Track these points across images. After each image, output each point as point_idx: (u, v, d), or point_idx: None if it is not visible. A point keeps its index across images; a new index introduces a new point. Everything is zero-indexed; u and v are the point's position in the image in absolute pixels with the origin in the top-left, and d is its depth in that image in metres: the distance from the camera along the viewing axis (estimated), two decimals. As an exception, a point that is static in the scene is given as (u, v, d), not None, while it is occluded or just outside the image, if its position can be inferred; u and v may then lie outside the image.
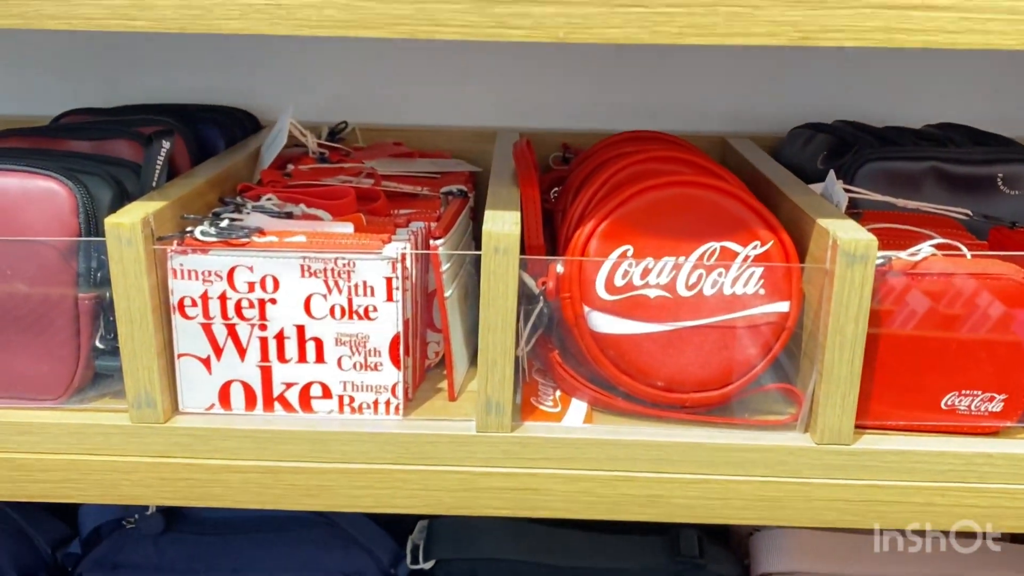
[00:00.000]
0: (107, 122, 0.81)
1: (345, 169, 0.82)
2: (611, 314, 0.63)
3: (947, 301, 0.61)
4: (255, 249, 0.61)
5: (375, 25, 0.55)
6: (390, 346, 0.63)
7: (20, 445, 0.64)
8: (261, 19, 0.55)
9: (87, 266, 0.62)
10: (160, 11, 0.55)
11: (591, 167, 0.76)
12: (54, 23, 0.55)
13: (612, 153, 0.76)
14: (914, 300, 0.62)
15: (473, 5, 0.54)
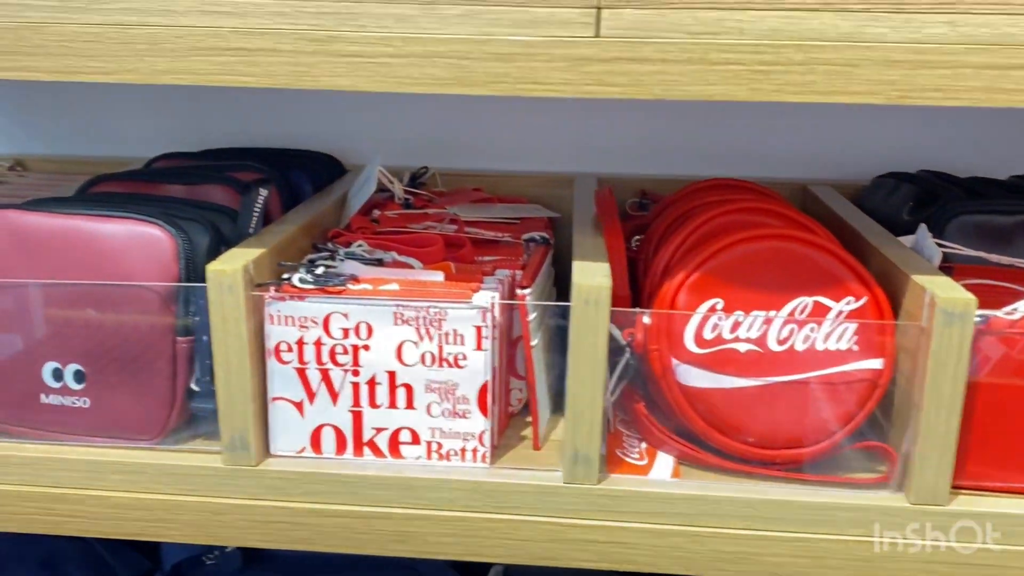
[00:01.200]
0: (200, 167, 0.84)
1: (429, 215, 0.83)
2: (700, 367, 0.63)
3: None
4: (350, 297, 0.62)
5: (476, 83, 0.56)
6: (479, 394, 0.63)
7: (117, 484, 0.65)
8: (366, 77, 0.56)
9: (186, 310, 0.64)
10: (269, 67, 0.57)
11: (675, 216, 0.76)
12: (168, 78, 0.57)
13: (696, 202, 0.76)
14: (1012, 359, 0.60)
15: (571, 63, 0.55)
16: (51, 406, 0.66)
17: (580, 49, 0.55)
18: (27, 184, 0.94)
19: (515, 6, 0.54)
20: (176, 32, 0.56)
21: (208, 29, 0.56)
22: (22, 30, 0.57)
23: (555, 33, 0.55)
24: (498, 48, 0.55)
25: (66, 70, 0.58)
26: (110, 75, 0.57)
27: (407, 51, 0.56)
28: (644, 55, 0.54)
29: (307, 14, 0.56)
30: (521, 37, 0.55)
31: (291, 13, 0.56)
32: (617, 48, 0.54)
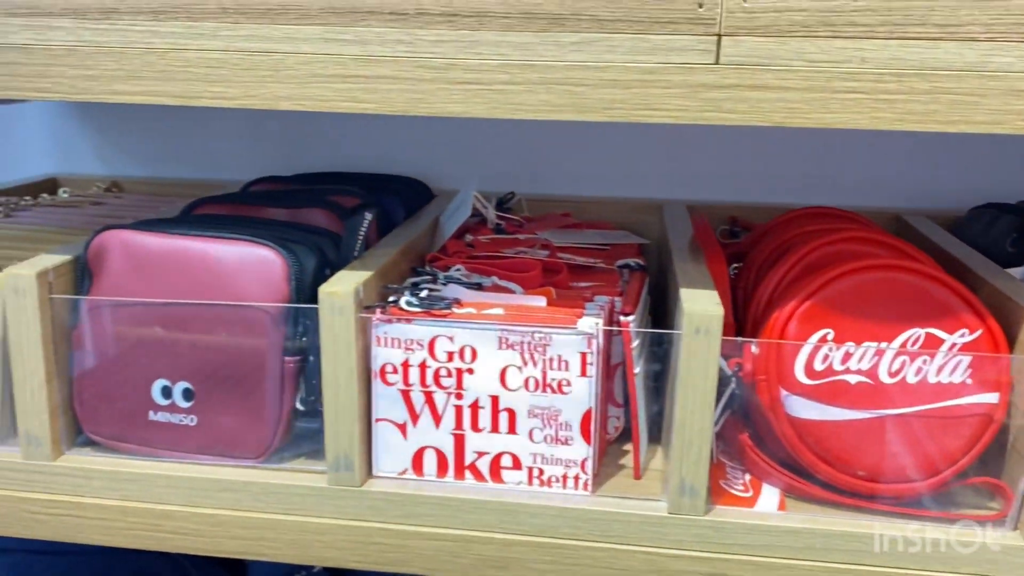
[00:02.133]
0: (299, 191, 0.85)
1: (520, 240, 0.83)
2: (810, 399, 0.62)
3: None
4: (456, 320, 0.63)
5: (590, 109, 0.56)
6: (582, 421, 0.63)
7: (221, 501, 0.66)
8: (481, 104, 0.57)
9: (294, 331, 0.65)
10: (387, 94, 0.57)
11: (775, 245, 0.75)
12: (287, 104, 0.58)
13: (796, 231, 0.76)
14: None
15: (688, 90, 0.55)
16: (159, 423, 0.67)
17: (699, 76, 0.54)
18: (124, 205, 0.97)
19: (633, 34, 0.55)
20: (298, 59, 0.58)
21: (330, 56, 0.57)
22: (148, 55, 0.59)
23: (673, 60, 0.55)
24: (615, 75, 0.55)
25: (189, 95, 0.59)
26: (232, 100, 0.59)
27: (523, 78, 0.56)
28: (764, 82, 0.54)
29: (426, 42, 0.56)
30: (638, 64, 0.55)
31: (411, 41, 0.57)
32: (737, 75, 0.54)
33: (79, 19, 0.59)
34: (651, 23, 0.54)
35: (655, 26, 0.54)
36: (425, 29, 0.56)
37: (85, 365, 0.67)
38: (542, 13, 0.55)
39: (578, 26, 0.55)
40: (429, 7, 0.56)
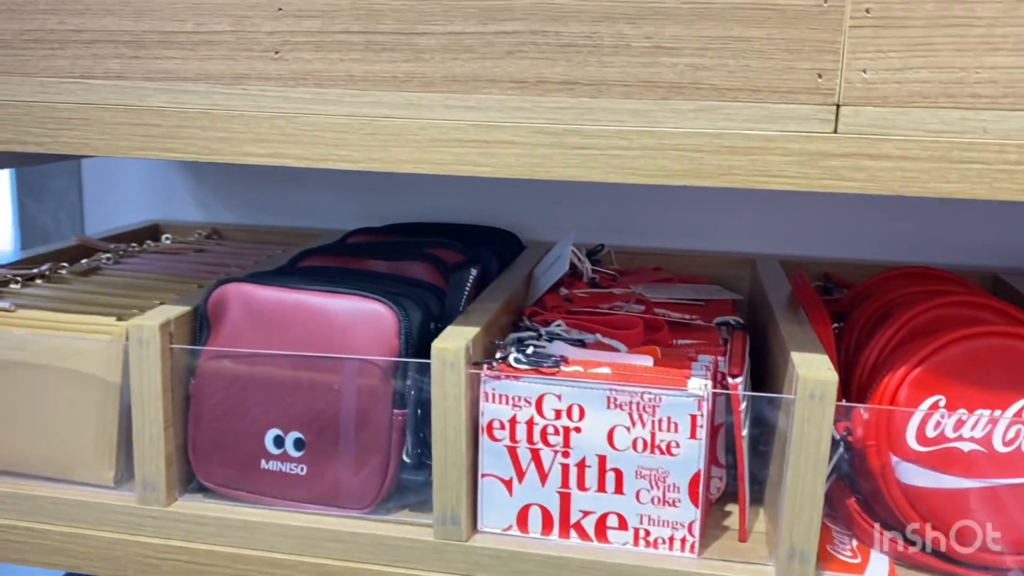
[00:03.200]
0: (398, 244, 0.87)
1: (616, 294, 0.84)
2: (921, 466, 0.61)
3: None
4: (564, 379, 0.63)
5: (708, 175, 0.57)
6: (690, 483, 0.63)
7: (330, 551, 0.67)
8: (598, 168, 0.58)
9: (403, 384, 0.66)
10: (504, 159, 0.59)
11: (877, 306, 0.75)
12: (408, 167, 0.60)
13: (897, 292, 0.75)
14: None
15: (807, 157, 0.55)
16: (270, 472, 0.69)
17: (817, 144, 0.55)
18: (225, 252, 1.00)
19: (752, 103, 0.55)
20: (420, 124, 0.60)
21: (450, 122, 0.59)
22: (277, 119, 0.61)
23: (792, 128, 0.55)
24: (733, 142, 0.56)
25: (315, 157, 0.61)
26: (356, 163, 0.61)
27: (640, 144, 0.57)
28: (883, 152, 0.54)
29: (545, 108, 0.58)
30: (757, 132, 0.56)
31: (530, 108, 0.58)
32: (855, 144, 0.55)
33: (212, 84, 0.62)
34: (770, 92, 0.55)
35: (774, 95, 0.55)
36: (544, 96, 0.58)
37: (201, 413, 0.69)
38: (661, 82, 0.56)
39: (697, 94, 0.56)
40: (549, 76, 0.58)
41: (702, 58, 0.56)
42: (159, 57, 0.62)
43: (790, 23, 0.54)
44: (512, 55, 0.58)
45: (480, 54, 0.58)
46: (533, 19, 0.57)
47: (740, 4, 0.54)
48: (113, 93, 0.63)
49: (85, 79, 0.63)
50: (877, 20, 0.53)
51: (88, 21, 0.62)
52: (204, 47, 0.61)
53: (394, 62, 0.59)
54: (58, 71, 0.64)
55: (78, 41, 0.63)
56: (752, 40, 0.55)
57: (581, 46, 0.57)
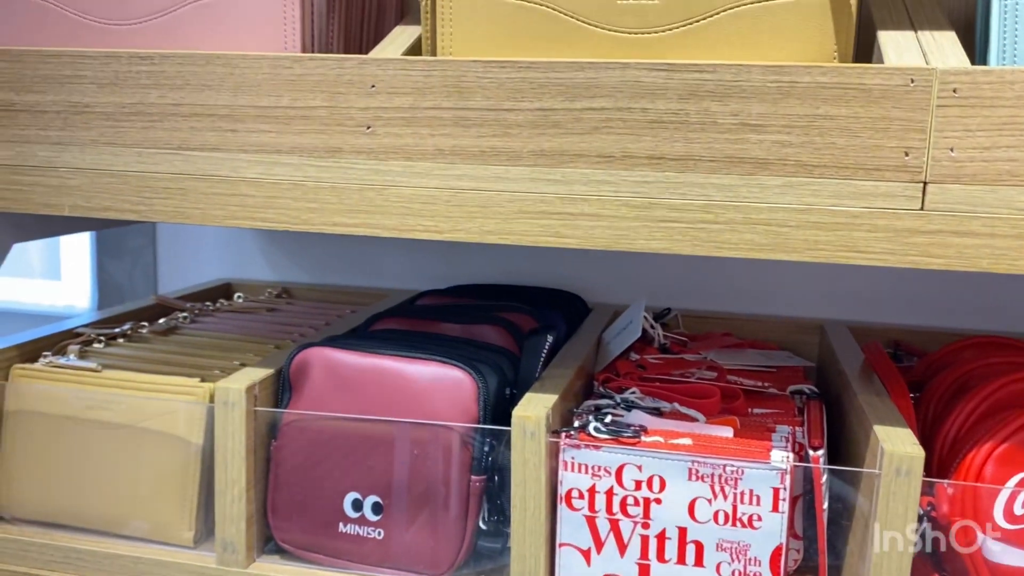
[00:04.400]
0: (468, 307, 0.89)
1: (687, 360, 0.84)
2: (1010, 544, 0.60)
3: None
4: (645, 449, 0.63)
5: (794, 250, 0.57)
6: (771, 556, 0.62)
7: (406, 617, 0.68)
8: (684, 241, 0.59)
9: (481, 451, 0.67)
10: (589, 231, 0.60)
11: (954, 377, 0.74)
12: (494, 238, 0.62)
13: (975, 363, 0.75)
14: None
15: (893, 234, 0.56)
16: (348, 535, 0.69)
17: (904, 221, 0.56)
18: (297, 312, 1.02)
19: (839, 179, 0.56)
20: (506, 196, 0.61)
21: (536, 195, 0.60)
22: (367, 191, 0.63)
23: (879, 205, 0.56)
24: (819, 217, 0.57)
25: (403, 228, 0.63)
26: (443, 234, 0.62)
27: (726, 218, 0.58)
28: (971, 229, 0.55)
29: (630, 182, 0.59)
30: (843, 208, 0.56)
31: (615, 182, 0.59)
32: (943, 221, 0.55)
33: (305, 156, 0.64)
34: (856, 169, 0.56)
35: (860, 172, 0.56)
36: (630, 171, 0.59)
37: (281, 475, 0.70)
38: (747, 157, 0.57)
39: (783, 170, 0.57)
40: (635, 151, 0.59)
41: (788, 135, 0.56)
42: (255, 130, 0.64)
43: (876, 102, 0.55)
44: (598, 131, 0.59)
45: (567, 129, 0.60)
46: (620, 96, 0.59)
47: (825, 83, 0.55)
48: (209, 164, 0.65)
49: (182, 150, 0.66)
50: (964, 100, 0.54)
51: (187, 95, 0.65)
52: (299, 121, 0.63)
53: (482, 137, 0.61)
54: (156, 142, 0.66)
55: (176, 115, 0.66)
56: (838, 118, 0.56)
57: (667, 122, 0.58)
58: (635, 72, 0.58)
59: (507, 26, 0.62)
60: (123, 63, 0.66)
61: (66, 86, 0.67)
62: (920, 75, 0.54)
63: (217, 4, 0.66)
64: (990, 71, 0.54)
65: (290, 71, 0.63)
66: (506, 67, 0.60)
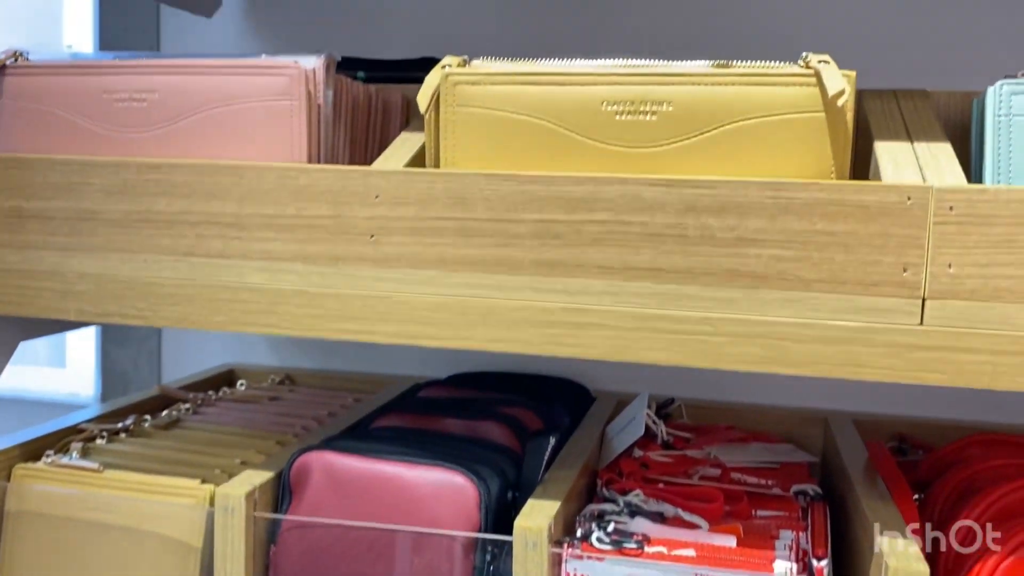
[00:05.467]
0: (471, 400, 0.88)
1: (689, 456, 0.84)
2: (1020, 661, 0.59)
3: None
4: (648, 560, 0.63)
5: (794, 363, 0.58)
6: (777, 671, 0.61)
7: None
8: (685, 353, 0.59)
9: (483, 559, 0.66)
10: (591, 340, 0.60)
11: (959, 479, 0.74)
12: (495, 345, 0.62)
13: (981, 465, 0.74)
14: None
15: (894, 349, 0.56)
16: (347, 643, 0.68)
17: (904, 337, 0.56)
18: (299, 400, 1.02)
19: (838, 294, 0.56)
20: (508, 305, 0.61)
21: (538, 304, 0.61)
22: (370, 299, 0.64)
23: (878, 320, 0.56)
24: (820, 332, 0.57)
25: (404, 335, 0.63)
26: (444, 341, 0.63)
27: (727, 330, 0.58)
28: (971, 345, 0.55)
29: (631, 294, 0.60)
30: (843, 323, 0.56)
31: (617, 293, 0.60)
32: (942, 337, 0.55)
33: (309, 264, 0.65)
34: (856, 284, 0.56)
35: (859, 287, 0.56)
36: (631, 282, 0.60)
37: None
38: (746, 271, 0.58)
39: (782, 284, 0.57)
40: (635, 263, 0.59)
41: (786, 250, 0.57)
42: (260, 238, 0.65)
43: (874, 219, 0.56)
44: (599, 243, 0.60)
45: (568, 241, 0.60)
46: (619, 210, 0.59)
47: (822, 200, 0.56)
48: (214, 271, 0.66)
49: (188, 257, 0.67)
50: (961, 217, 0.55)
51: (194, 204, 0.66)
52: (303, 230, 0.64)
53: (485, 247, 0.62)
54: (163, 249, 0.67)
55: (184, 222, 0.66)
56: (836, 234, 0.56)
57: (667, 236, 0.59)
58: (634, 187, 0.59)
59: (509, 139, 0.64)
60: (132, 172, 0.67)
61: (75, 193, 0.68)
62: (917, 193, 0.55)
63: (225, 114, 0.68)
64: (985, 190, 0.54)
65: (296, 181, 0.64)
66: (508, 180, 0.61)
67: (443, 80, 0.65)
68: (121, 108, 0.69)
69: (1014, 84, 0.58)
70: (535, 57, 0.65)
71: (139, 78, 0.68)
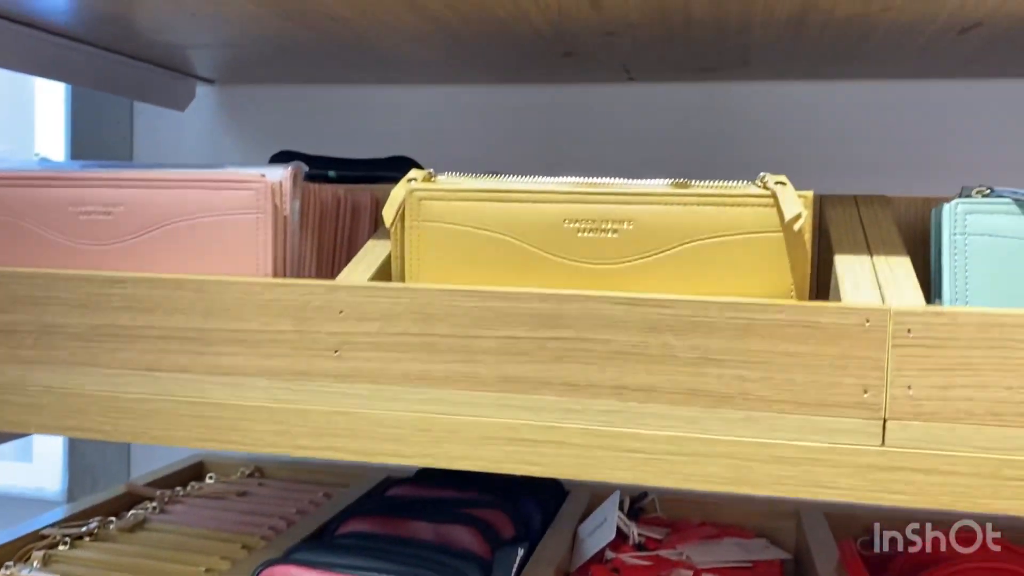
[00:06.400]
0: (440, 501, 0.88)
1: (663, 559, 0.83)
2: None
3: None
4: None
5: (757, 484, 0.58)
6: None
7: None
8: (648, 471, 0.59)
9: (449, 677, 0.65)
10: (555, 458, 0.60)
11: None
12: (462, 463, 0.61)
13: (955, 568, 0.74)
14: None
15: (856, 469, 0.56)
16: None
17: (866, 458, 0.56)
18: (268, 496, 1.00)
19: (800, 415, 0.57)
20: (473, 422, 0.61)
21: (502, 422, 0.61)
22: (334, 415, 0.63)
23: (840, 441, 0.56)
24: (782, 452, 0.57)
25: (369, 452, 0.63)
26: (408, 458, 0.62)
27: (691, 449, 0.58)
28: (932, 466, 0.55)
29: (595, 411, 0.59)
30: (805, 443, 0.57)
31: (581, 410, 0.60)
32: (904, 459, 0.55)
33: (273, 379, 0.64)
34: (817, 405, 0.56)
35: (821, 408, 0.56)
36: (595, 400, 0.60)
37: None
38: (708, 391, 0.58)
39: (744, 404, 0.57)
40: (599, 380, 0.59)
41: (748, 370, 0.57)
42: (223, 353, 0.65)
43: (833, 340, 0.56)
44: (563, 360, 0.60)
45: (532, 357, 0.60)
46: (583, 327, 0.59)
47: (783, 321, 0.57)
48: (176, 386, 0.66)
49: (151, 371, 0.66)
50: (919, 340, 0.55)
51: (158, 318, 0.66)
52: (267, 345, 0.64)
53: (449, 363, 0.61)
54: (126, 363, 0.67)
55: (147, 336, 0.66)
56: (797, 355, 0.56)
57: (630, 354, 0.59)
58: (596, 305, 0.59)
59: (473, 253, 0.64)
60: (96, 286, 0.67)
61: (39, 306, 0.68)
62: (875, 316, 0.55)
63: (191, 227, 0.68)
64: (942, 312, 0.55)
65: (260, 296, 0.64)
66: (472, 296, 0.61)
67: (408, 195, 0.65)
68: (87, 221, 0.69)
69: (969, 204, 0.59)
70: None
71: (105, 191, 0.69)
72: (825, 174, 0.99)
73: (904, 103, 1.00)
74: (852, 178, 0.98)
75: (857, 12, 0.68)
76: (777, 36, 0.76)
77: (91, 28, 0.85)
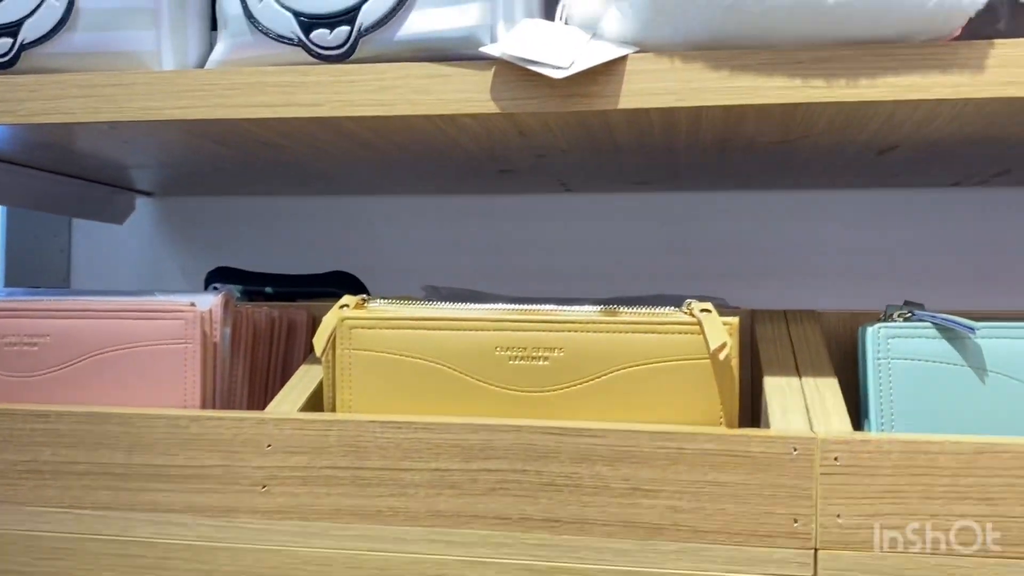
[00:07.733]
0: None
1: None
2: None
3: None
4: None
5: (693, 617, 0.57)
6: None
7: None
8: None
9: None
10: None
11: None
12: (392, 602, 0.60)
13: None
14: None
15: (790, 601, 0.56)
16: None
17: (803, 596, 0.55)
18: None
19: (731, 545, 0.56)
20: (404, 559, 0.60)
21: (435, 557, 0.60)
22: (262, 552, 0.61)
23: (772, 572, 0.56)
24: (715, 586, 0.56)
25: (298, 591, 0.61)
26: (338, 597, 0.61)
27: (625, 586, 0.58)
28: (866, 603, 0.55)
29: (529, 545, 0.59)
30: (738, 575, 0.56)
31: (513, 544, 0.59)
32: (841, 607, 0.55)
33: (199, 516, 0.62)
34: (749, 535, 0.56)
35: (752, 538, 0.56)
36: (528, 533, 0.59)
37: None
38: (641, 522, 0.57)
39: (676, 535, 0.57)
40: (532, 513, 0.59)
41: (679, 500, 0.57)
42: (148, 489, 0.63)
43: (762, 469, 0.56)
44: (495, 492, 0.59)
45: (464, 490, 0.60)
46: (514, 458, 0.59)
47: (711, 450, 0.57)
48: (100, 523, 0.64)
49: (73, 509, 0.64)
50: (846, 468, 0.55)
51: (81, 453, 0.64)
52: (193, 480, 0.63)
53: (380, 496, 0.60)
54: (48, 501, 0.65)
55: (70, 472, 0.64)
56: (727, 484, 0.56)
57: (561, 486, 0.58)
58: (528, 435, 0.59)
59: (405, 381, 0.64)
60: (17, 420, 0.65)
61: (-43, 442, 0.66)
62: (802, 444, 0.56)
63: (119, 357, 0.67)
64: (868, 440, 0.55)
65: (186, 430, 0.63)
66: (402, 427, 0.60)
67: (339, 323, 0.65)
68: (12, 352, 0.68)
69: (891, 328, 0.61)
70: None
71: (31, 322, 0.67)
72: (760, 281, 1.01)
73: (834, 211, 1.03)
74: (783, 285, 1.00)
75: (777, 140, 0.70)
76: (703, 157, 0.78)
77: (28, 153, 0.85)
